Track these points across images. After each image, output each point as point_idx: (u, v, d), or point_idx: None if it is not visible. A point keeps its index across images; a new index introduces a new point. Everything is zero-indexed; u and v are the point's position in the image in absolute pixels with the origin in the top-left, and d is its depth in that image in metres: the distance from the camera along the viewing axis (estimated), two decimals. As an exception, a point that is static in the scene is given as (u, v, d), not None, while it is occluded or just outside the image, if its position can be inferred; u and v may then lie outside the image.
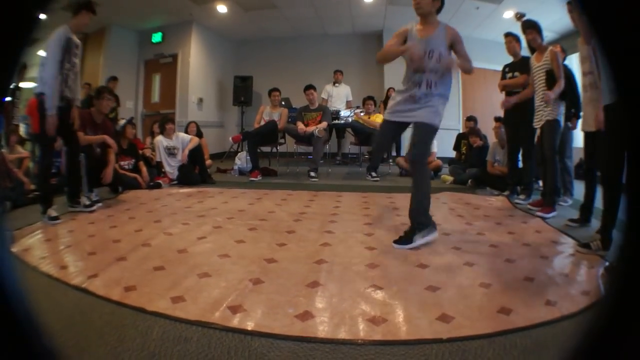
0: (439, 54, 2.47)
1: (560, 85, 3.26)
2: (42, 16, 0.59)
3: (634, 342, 0.44)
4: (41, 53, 3.13)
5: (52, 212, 3.11)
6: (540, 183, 3.98)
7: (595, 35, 0.49)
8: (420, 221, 2.48)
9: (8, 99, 5.20)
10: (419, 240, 2.44)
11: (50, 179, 3.40)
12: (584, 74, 2.81)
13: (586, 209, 2.96)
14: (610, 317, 0.47)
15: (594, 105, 2.66)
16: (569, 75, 3.58)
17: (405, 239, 2.45)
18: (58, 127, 3.10)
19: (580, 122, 3.19)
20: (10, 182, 3.88)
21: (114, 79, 6.44)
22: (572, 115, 3.81)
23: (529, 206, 3.64)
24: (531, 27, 3.54)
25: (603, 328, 0.48)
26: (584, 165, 3.10)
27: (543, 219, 3.19)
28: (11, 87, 5.51)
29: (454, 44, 2.55)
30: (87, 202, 3.48)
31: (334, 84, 7.40)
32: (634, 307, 0.45)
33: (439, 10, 2.59)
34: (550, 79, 3.32)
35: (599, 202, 2.64)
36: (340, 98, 7.34)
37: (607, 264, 2.14)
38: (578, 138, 3.53)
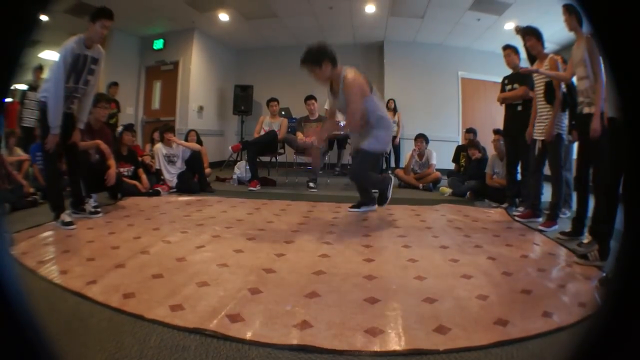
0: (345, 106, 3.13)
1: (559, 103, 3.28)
2: (43, 17, 0.59)
3: (629, 352, 0.45)
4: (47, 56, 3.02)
5: (66, 218, 3.05)
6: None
7: (602, 49, 0.50)
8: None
9: (9, 99, 5.20)
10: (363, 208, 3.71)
11: (59, 184, 3.30)
12: (579, 78, 2.83)
13: (578, 220, 2.95)
14: (606, 328, 0.48)
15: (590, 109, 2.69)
16: (570, 87, 3.59)
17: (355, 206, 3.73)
18: (59, 143, 3.05)
19: None
20: (9, 184, 3.88)
21: (114, 84, 6.47)
22: (573, 127, 3.80)
23: (517, 218, 3.65)
24: (531, 33, 3.47)
25: (599, 339, 0.48)
26: (576, 174, 3.07)
27: (544, 232, 3.18)
28: (24, 88, 5.55)
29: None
30: (92, 209, 3.46)
31: None
32: (630, 318, 0.46)
33: (334, 65, 3.12)
34: (549, 91, 3.32)
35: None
36: None
37: (603, 274, 2.15)
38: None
